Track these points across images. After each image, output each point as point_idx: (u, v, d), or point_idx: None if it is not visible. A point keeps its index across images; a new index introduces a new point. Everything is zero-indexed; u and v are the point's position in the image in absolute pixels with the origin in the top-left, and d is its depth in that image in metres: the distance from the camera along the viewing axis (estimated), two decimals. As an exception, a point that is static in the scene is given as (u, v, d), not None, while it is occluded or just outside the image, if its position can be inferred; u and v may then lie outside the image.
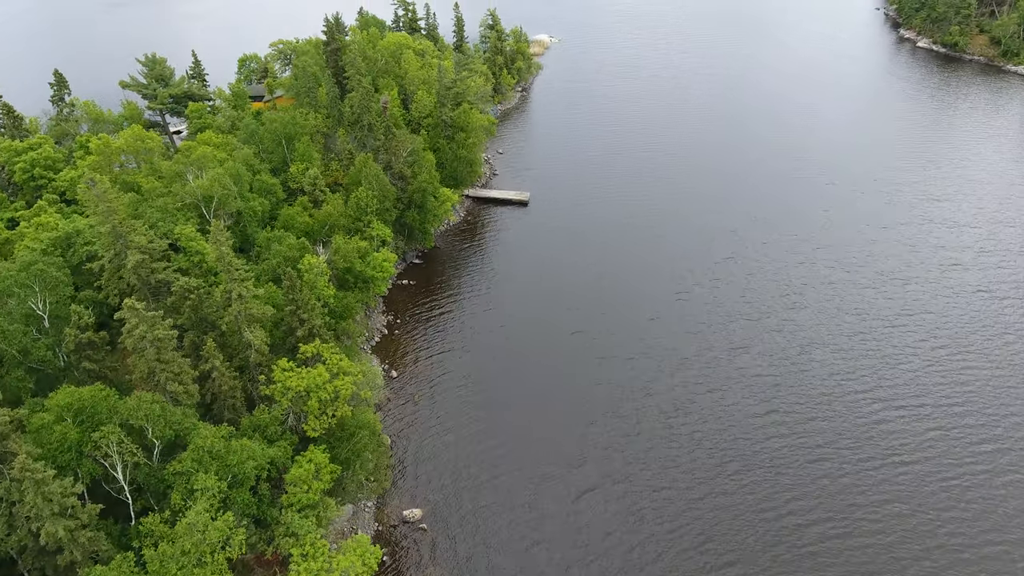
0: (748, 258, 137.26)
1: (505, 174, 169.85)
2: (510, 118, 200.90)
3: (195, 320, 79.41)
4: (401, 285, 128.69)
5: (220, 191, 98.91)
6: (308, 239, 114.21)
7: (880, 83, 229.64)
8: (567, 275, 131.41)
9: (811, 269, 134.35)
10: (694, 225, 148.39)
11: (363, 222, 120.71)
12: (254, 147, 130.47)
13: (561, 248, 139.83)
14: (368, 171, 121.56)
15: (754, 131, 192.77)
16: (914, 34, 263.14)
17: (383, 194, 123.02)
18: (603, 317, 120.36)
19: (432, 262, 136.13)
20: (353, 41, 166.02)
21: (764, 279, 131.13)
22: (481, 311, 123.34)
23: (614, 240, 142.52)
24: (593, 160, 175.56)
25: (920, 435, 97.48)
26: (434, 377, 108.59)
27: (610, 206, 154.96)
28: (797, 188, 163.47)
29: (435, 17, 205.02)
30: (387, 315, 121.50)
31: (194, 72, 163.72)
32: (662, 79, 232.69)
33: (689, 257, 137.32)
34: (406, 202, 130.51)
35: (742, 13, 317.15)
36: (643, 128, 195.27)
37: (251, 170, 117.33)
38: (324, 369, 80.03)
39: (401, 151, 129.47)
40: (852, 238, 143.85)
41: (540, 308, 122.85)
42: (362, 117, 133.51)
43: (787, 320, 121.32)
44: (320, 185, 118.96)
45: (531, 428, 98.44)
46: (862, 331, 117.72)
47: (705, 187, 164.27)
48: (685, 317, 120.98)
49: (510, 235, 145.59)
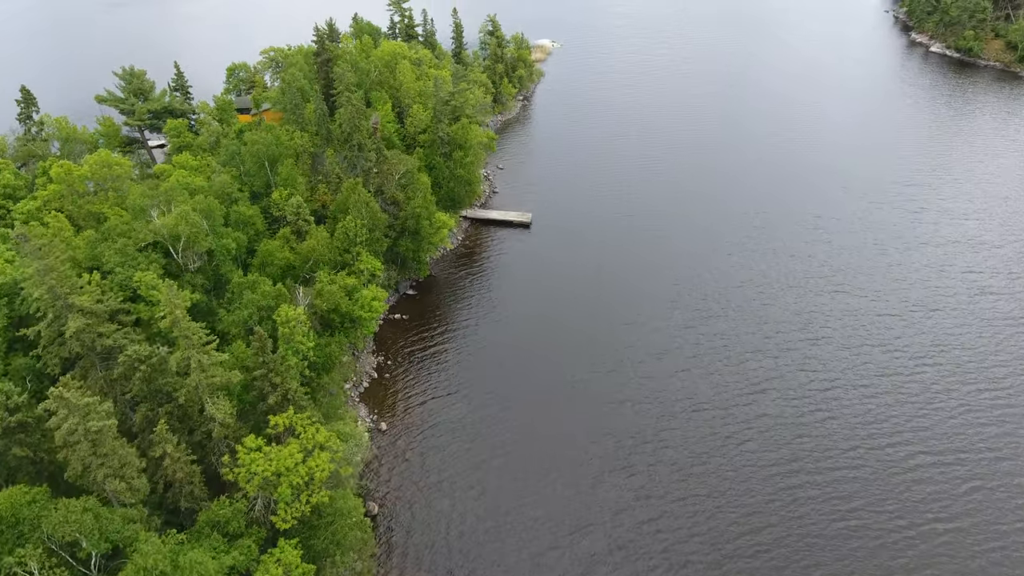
0: (765, 284, 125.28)
1: (506, 192, 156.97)
2: (511, 129, 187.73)
3: (148, 392, 67.08)
4: (393, 320, 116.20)
5: (188, 230, 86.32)
6: (290, 276, 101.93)
7: (892, 89, 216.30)
8: (572, 308, 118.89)
9: (832, 297, 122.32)
10: (707, 246, 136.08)
11: (351, 254, 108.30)
12: (235, 169, 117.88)
13: (566, 277, 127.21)
14: (357, 198, 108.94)
15: (764, 141, 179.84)
16: (926, 38, 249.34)
17: (373, 222, 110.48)
18: (611, 357, 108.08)
19: (427, 293, 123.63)
20: (345, 51, 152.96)
21: (783, 308, 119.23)
22: (480, 348, 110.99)
23: (622, 266, 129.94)
24: (599, 175, 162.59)
25: (959, 491, 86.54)
26: (428, 428, 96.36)
27: (617, 226, 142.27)
28: (813, 205, 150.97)
29: (433, 24, 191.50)
30: (377, 355, 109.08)
31: (176, 84, 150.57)
32: (667, 85, 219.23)
33: (703, 284, 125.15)
34: (399, 229, 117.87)
35: (746, 14, 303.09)
36: (649, 138, 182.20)
37: (228, 200, 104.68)
38: (296, 446, 67.77)
39: (393, 173, 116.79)
40: (874, 261, 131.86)
41: (543, 346, 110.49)
42: (352, 136, 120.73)
43: (809, 357, 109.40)
44: (304, 214, 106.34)
45: (530, 490, 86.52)
46: (890, 368, 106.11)
47: (716, 203, 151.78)
48: (699, 353, 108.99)
49: (511, 261, 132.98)
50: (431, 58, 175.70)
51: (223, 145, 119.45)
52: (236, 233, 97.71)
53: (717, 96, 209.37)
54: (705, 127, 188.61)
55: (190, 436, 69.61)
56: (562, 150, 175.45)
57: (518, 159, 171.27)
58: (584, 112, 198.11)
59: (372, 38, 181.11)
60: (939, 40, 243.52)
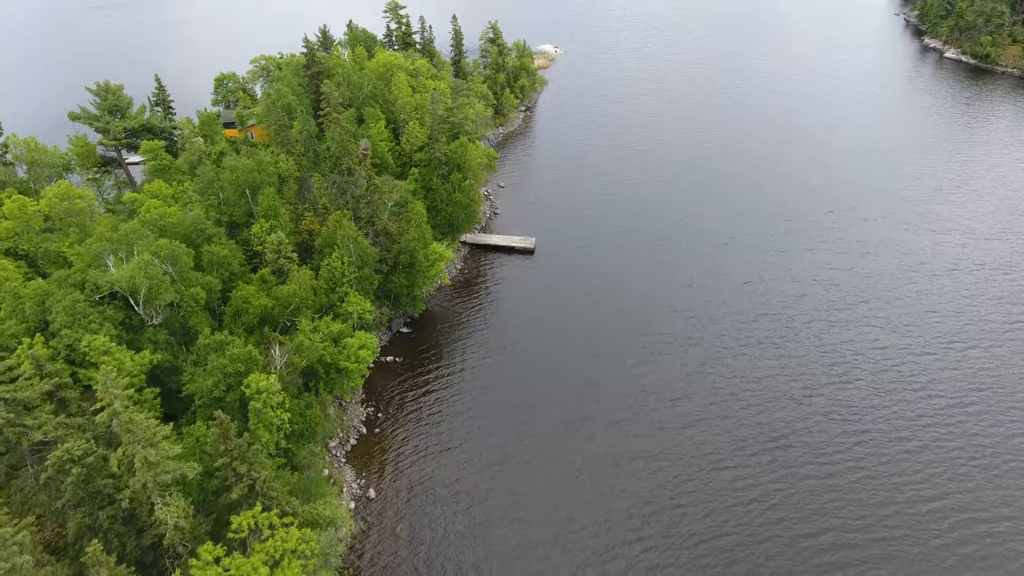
0: (785, 317, 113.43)
1: (507, 212, 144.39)
2: (513, 142, 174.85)
3: (83, 496, 55.05)
4: (385, 364, 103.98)
5: (146, 283, 74.03)
6: (268, 323, 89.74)
7: (906, 96, 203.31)
8: (579, 345, 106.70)
9: (859, 331, 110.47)
10: (721, 274, 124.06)
11: (338, 294, 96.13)
12: (213, 198, 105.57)
13: (572, 309, 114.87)
14: (344, 232, 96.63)
15: (775, 154, 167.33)
16: (940, 43, 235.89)
17: (362, 259, 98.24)
18: (622, 403, 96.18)
19: (423, 330, 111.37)
20: (337, 64, 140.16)
21: (806, 345, 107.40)
22: (480, 394, 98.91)
23: (633, 297, 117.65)
24: (605, 192, 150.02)
25: (1016, 566, 74.66)
26: (421, 494, 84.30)
27: (625, 251, 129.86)
28: (832, 226, 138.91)
29: (431, 31, 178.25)
30: (367, 405, 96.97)
31: (157, 99, 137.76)
32: (673, 92, 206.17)
33: (719, 317, 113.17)
34: (391, 263, 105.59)
35: (751, 18, 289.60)
36: (657, 151, 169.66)
37: (202, 237, 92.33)
38: (261, 557, 55.83)
39: (385, 202, 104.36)
40: (901, 289, 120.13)
41: (548, 391, 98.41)
42: (340, 160, 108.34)
43: (837, 402, 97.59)
44: (286, 251, 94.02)
45: (533, 568, 74.82)
46: (926, 416, 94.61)
47: (728, 223, 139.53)
48: (717, 398, 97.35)
49: (514, 291, 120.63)
50: (429, 68, 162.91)
51: (200, 172, 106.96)
52: (208, 278, 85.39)
53: (725, 104, 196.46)
54: (713, 138, 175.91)
55: (138, 539, 57.68)
56: (567, 165, 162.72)
57: (520, 176, 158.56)
58: (589, 122, 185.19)
59: (367, 47, 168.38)
60: (954, 45, 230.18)
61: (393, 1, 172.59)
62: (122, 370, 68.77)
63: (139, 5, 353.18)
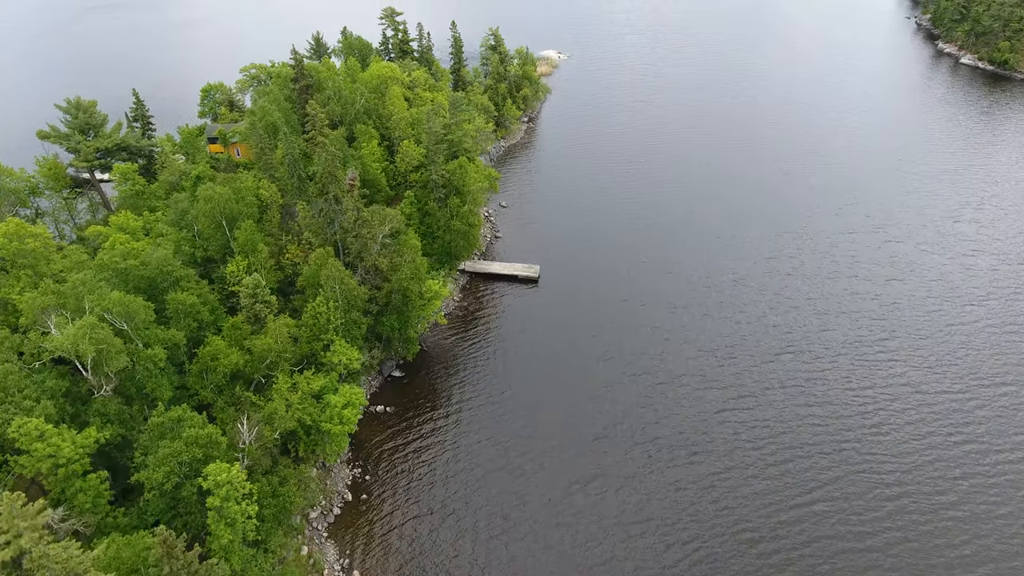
0: (809, 354, 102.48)
1: (510, 235, 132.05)
2: (515, 156, 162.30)
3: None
4: (374, 414, 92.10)
5: (92, 349, 62.18)
6: (241, 380, 77.95)
7: (922, 105, 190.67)
8: (587, 390, 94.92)
9: (890, 370, 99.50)
10: (738, 305, 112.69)
11: (322, 342, 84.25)
12: (185, 231, 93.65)
13: (581, 348, 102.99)
14: (329, 272, 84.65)
15: (788, 168, 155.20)
16: (955, 48, 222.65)
17: (349, 302, 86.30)
18: (634, 460, 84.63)
19: (416, 373, 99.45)
20: (327, 77, 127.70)
21: (834, 386, 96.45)
22: (479, 447, 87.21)
23: (646, 333, 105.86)
24: (615, 213, 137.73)
25: None
26: (412, 572, 72.93)
27: (637, 280, 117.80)
28: (852, 248, 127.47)
29: (429, 38, 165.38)
30: (353, 466, 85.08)
31: (135, 114, 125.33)
32: (682, 100, 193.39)
33: (738, 355, 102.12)
34: (382, 303, 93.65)
35: (755, 18, 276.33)
36: (666, 164, 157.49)
37: (166, 282, 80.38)
38: None
39: (376, 235, 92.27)
40: (930, 321, 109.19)
41: (553, 443, 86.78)
42: (327, 187, 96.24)
43: (871, 456, 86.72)
44: (263, 295, 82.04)
45: None
46: (972, 470, 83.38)
47: (746, 246, 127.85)
48: (737, 449, 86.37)
49: (516, 326, 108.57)
50: (427, 78, 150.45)
51: (173, 200, 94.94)
52: (172, 331, 73.51)
53: (736, 114, 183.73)
54: (723, 150, 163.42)
55: None
56: (572, 181, 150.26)
57: (523, 193, 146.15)
58: (594, 133, 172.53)
59: (362, 56, 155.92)
60: (970, 51, 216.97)
61: (390, 8, 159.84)
62: (61, 456, 57.09)
63: (137, 5, 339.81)
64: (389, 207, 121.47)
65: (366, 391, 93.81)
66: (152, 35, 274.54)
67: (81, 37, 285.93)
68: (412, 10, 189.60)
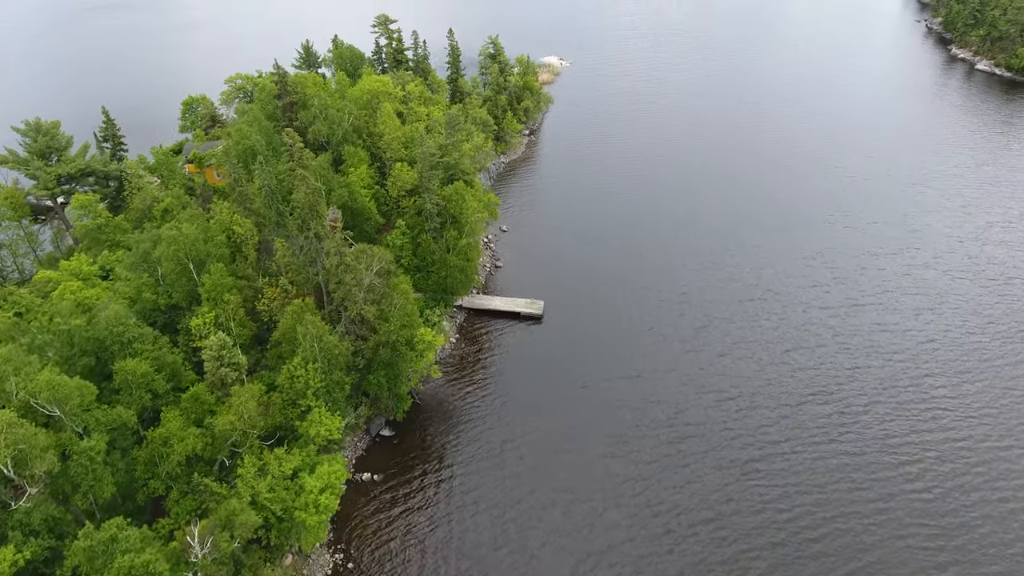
0: (839, 398, 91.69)
1: (511, 264, 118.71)
2: (515, 173, 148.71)
3: None
4: (359, 485, 79.01)
5: (9, 452, 49.36)
6: (202, 463, 65.18)
7: (936, 113, 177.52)
8: (597, 446, 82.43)
9: (930, 419, 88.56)
10: (762, 339, 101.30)
11: (298, 408, 71.47)
12: (147, 276, 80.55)
13: (590, 393, 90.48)
14: (306, 330, 71.73)
15: (805, 188, 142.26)
16: (970, 54, 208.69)
17: (329, 362, 73.43)
18: (645, 531, 72.11)
19: (408, 430, 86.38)
20: (313, 93, 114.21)
21: (869, 440, 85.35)
22: (477, 513, 74.79)
23: (659, 374, 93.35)
24: (624, 236, 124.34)
25: None
26: None
27: (649, 313, 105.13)
28: (879, 275, 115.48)
29: (425, 46, 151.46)
30: (334, 551, 71.97)
31: (105, 134, 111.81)
32: (689, 108, 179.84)
33: (763, 399, 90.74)
34: (368, 357, 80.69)
35: (759, 20, 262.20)
36: (676, 178, 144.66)
37: (120, 344, 67.44)
38: None
39: (361, 281, 79.17)
40: (968, 359, 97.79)
41: (559, 510, 74.24)
42: (308, 222, 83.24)
43: (917, 517, 74.94)
44: (230, 356, 69.17)
45: None
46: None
47: (766, 272, 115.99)
48: (765, 521, 73.67)
49: (519, 371, 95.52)
50: (423, 90, 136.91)
51: (133, 241, 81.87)
52: (118, 410, 60.64)
53: (743, 123, 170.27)
54: (732, 165, 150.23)
55: None
56: (577, 201, 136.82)
57: (525, 216, 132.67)
58: (599, 145, 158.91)
59: (354, 66, 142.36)
60: (985, 56, 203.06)
61: (383, 15, 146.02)
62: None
63: (135, 6, 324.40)
64: (380, 233, 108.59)
65: (351, 455, 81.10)
66: (148, 38, 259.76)
67: (78, 39, 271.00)
68: (408, 17, 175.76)
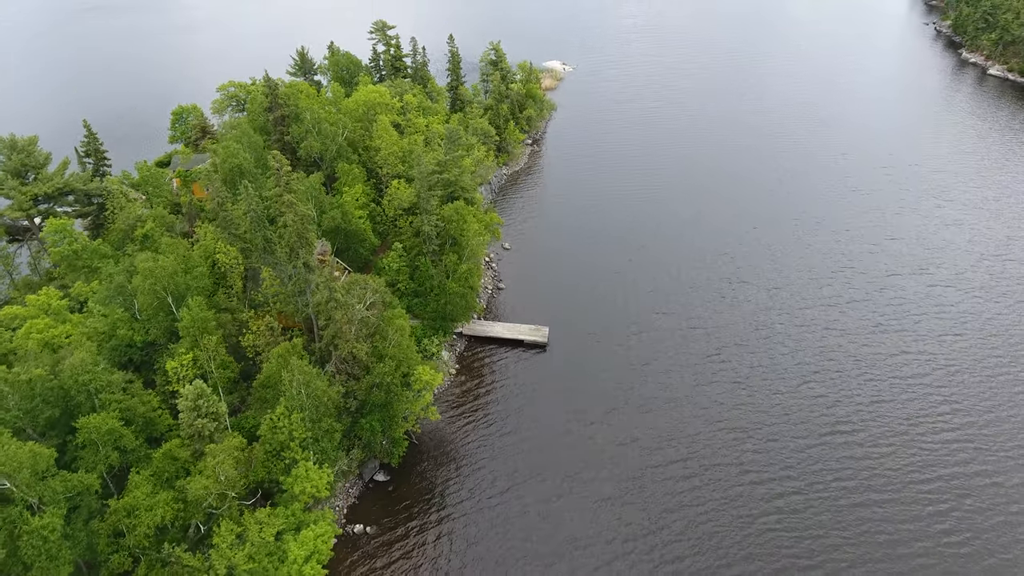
0: (863, 434, 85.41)
1: (513, 285, 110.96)
2: (518, 186, 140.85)
3: None
4: (351, 538, 71.51)
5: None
6: (175, 530, 57.87)
7: (950, 120, 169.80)
8: (608, 485, 75.08)
9: (962, 457, 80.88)
10: (779, 369, 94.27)
11: (283, 461, 64.17)
12: (121, 310, 73.06)
13: (599, 428, 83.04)
14: (292, 376, 64.36)
15: (814, 195, 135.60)
16: (982, 58, 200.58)
17: (318, 411, 66.07)
18: (663, 572, 65.19)
19: (404, 474, 78.71)
20: (306, 106, 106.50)
21: (896, 480, 78.85)
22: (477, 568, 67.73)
23: (675, 412, 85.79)
24: (633, 252, 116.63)
25: None
26: None
27: (661, 338, 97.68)
28: (900, 295, 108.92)
29: (424, 53, 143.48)
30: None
31: (87, 149, 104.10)
32: (696, 113, 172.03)
33: (783, 433, 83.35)
34: (361, 397, 73.28)
35: (761, 21, 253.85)
36: (685, 187, 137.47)
37: (85, 393, 60.06)
38: None
39: (353, 317, 71.71)
40: (997, 390, 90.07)
41: (570, 567, 67.37)
42: (296, 251, 75.87)
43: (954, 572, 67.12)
44: (208, 405, 61.85)
45: None
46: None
47: (783, 294, 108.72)
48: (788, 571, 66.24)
49: (522, 403, 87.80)
50: (422, 99, 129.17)
51: (106, 274, 74.38)
52: (78, 476, 53.34)
53: (751, 130, 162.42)
54: (743, 175, 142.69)
55: None
56: (583, 214, 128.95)
57: (528, 233, 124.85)
58: (605, 155, 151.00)
59: (350, 74, 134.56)
60: (998, 61, 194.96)
61: (380, 21, 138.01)
62: None
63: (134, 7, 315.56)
64: (376, 255, 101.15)
65: (342, 503, 73.73)
66: (146, 41, 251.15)
67: (76, 39, 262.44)
68: (407, 20, 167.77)
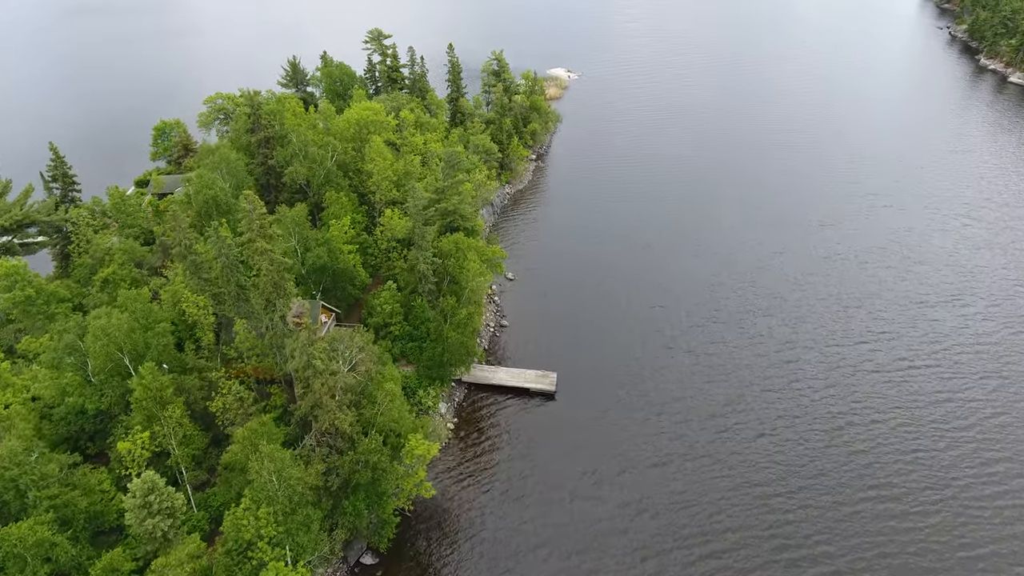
0: (904, 494, 75.96)
1: (518, 323, 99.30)
2: (521, 205, 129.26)
3: None
4: (333, 639, 61.48)
5: None
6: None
7: (972, 131, 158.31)
8: (620, 556, 64.94)
9: (1009, 510, 70.02)
10: (804, 410, 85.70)
11: (250, 562, 53.38)
12: (72, 373, 62.14)
13: (609, 489, 72.62)
14: (260, 466, 53.44)
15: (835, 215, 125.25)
16: (1001, 65, 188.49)
17: (292, 501, 55.20)
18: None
19: (394, 554, 67.85)
20: (292, 127, 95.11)
21: (934, 540, 70.25)
22: None
23: (694, 467, 75.42)
24: (646, 282, 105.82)
25: None
26: None
27: (679, 381, 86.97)
28: (932, 328, 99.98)
29: (423, 63, 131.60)
30: None
31: (53, 173, 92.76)
32: (705, 124, 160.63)
33: (815, 493, 74.58)
34: (344, 475, 62.39)
35: (764, 22, 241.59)
36: (695, 202, 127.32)
37: (13, 491, 49.33)
38: None
39: (336, 385, 60.75)
40: None
41: None
42: (273, 301, 64.97)
43: None
44: (159, 501, 51.09)
45: None
46: None
47: (805, 323, 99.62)
48: None
49: (528, 462, 76.80)
50: (419, 114, 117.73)
51: (55, 330, 63.43)
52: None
53: (767, 144, 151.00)
54: (759, 193, 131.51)
55: None
56: (591, 238, 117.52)
57: (533, 259, 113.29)
58: (611, 169, 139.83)
59: (344, 86, 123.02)
60: (1018, 68, 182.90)
61: (376, 30, 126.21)
62: None
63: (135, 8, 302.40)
64: (368, 291, 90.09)
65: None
66: (140, 45, 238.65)
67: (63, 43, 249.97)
68: (405, 27, 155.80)
